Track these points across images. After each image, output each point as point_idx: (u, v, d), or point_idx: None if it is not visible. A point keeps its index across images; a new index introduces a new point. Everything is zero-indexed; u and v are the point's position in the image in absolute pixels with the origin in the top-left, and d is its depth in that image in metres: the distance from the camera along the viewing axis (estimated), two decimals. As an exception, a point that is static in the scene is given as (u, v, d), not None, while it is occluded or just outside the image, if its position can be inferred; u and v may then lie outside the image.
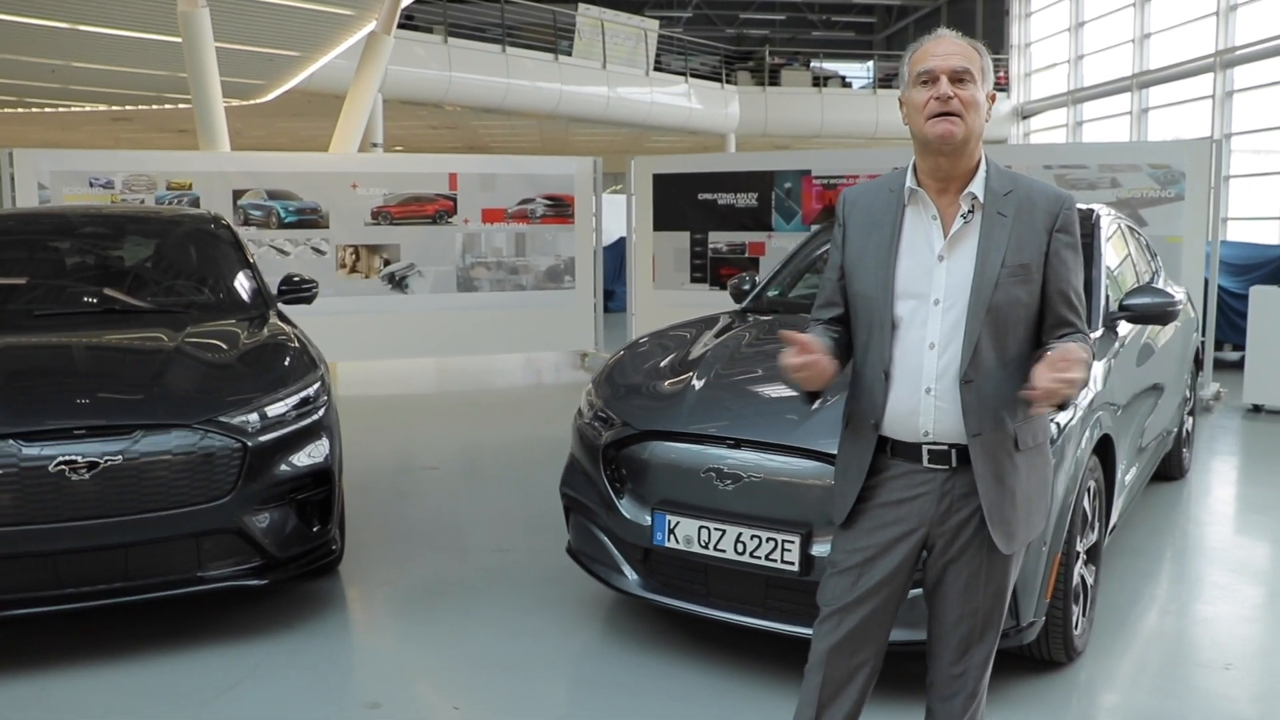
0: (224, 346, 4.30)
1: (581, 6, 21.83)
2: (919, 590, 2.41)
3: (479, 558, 4.83)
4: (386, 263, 10.20)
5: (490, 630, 4.00)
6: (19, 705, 3.38)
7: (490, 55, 19.70)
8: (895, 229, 2.29)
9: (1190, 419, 6.26)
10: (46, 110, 18.76)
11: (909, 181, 2.29)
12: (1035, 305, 2.25)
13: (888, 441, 2.30)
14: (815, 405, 2.41)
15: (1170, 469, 5.92)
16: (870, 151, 10.21)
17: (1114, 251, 4.77)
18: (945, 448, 2.25)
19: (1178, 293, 5.72)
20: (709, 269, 10.33)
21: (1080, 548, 3.52)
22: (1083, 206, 4.92)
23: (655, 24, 23.59)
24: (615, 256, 15.17)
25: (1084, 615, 3.61)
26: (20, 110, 18.84)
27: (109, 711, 3.35)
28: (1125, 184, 8.46)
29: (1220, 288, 9.45)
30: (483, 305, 10.46)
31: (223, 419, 3.76)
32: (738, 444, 3.32)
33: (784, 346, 2.20)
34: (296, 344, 4.46)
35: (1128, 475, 4.31)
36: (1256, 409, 8.27)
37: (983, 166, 2.27)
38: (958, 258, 2.23)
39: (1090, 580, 3.68)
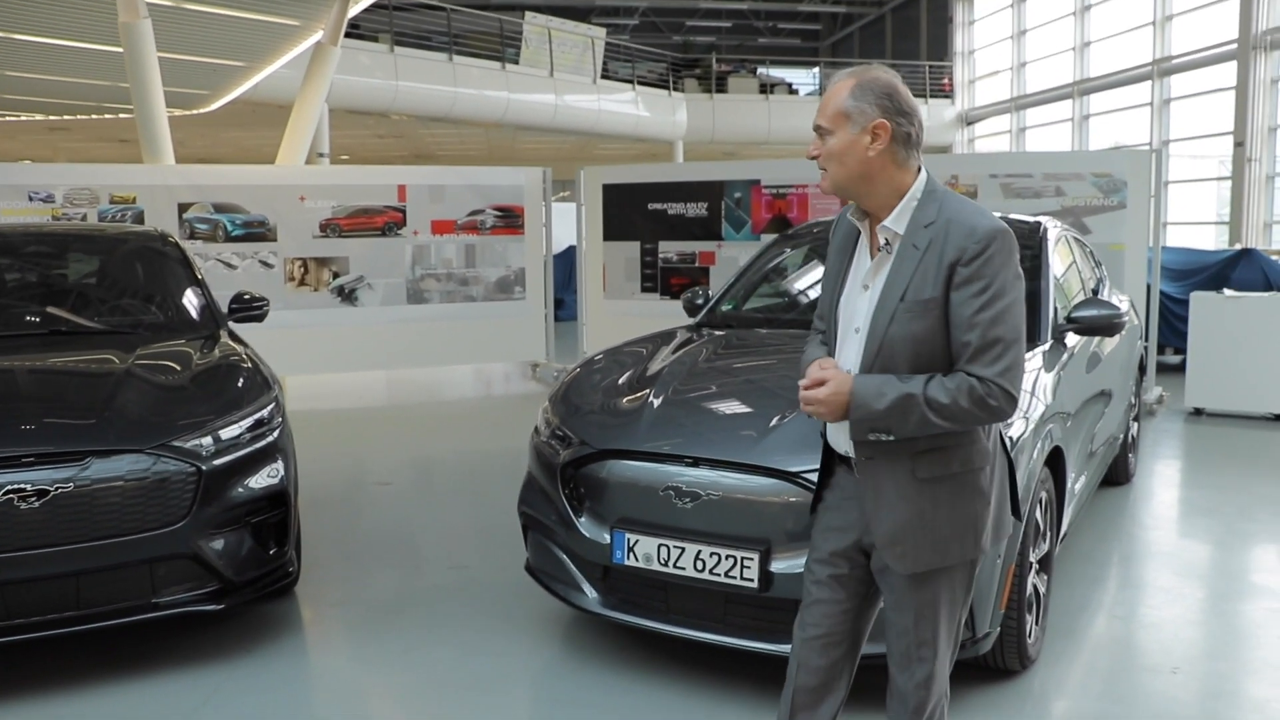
0: (176, 368, 4.24)
1: (528, 15, 21.82)
2: None
3: (435, 575, 4.81)
4: (336, 275, 10.11)
5: (448, 649, 3.98)
6: (-33, 741, 3.31)
7: (437, 64, 19.62)
8: (847, 256, 2.39)
9: (1135, 424, 6.40)
10: (-19, 120, 18.34)
11: (852, 212, 2.36)
12: (936, 341, 2.19)
13: (834, 452, 2.43)
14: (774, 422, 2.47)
15: (1117, 474, 6.05)
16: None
17: (1060, 263, 4.87)
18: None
19: (1122, 303, 5.87)
20: (659, 278, 10.36)
21: (1033, 558, 3.58)
22: (1029, 219, 5.05)
23: (602, 32, 23.63)
24: (565, 265, 15.15)
25: (1037, 624, 3.68)
26: (-47, 120, 18.40)
27: (61, 745, 3.29)
28: (1069, 192, 8.64)
29: (1162, 293, 9.68)
30: (433, 317, 10.41)
31: (176, 443, 3.71)
32: (695, 462, 3.34)
33: (735, 363, 2.26)
34: (249, 364, 4.41)
35: (1077, 484, 4.40)
36: (1198, 412, 8.47)
37: (911, 195, 2.23)
38: (875, 289, 2.27)
39: (1043, 589, 3.75)
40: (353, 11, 12.58)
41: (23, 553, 3.46)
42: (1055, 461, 3.85)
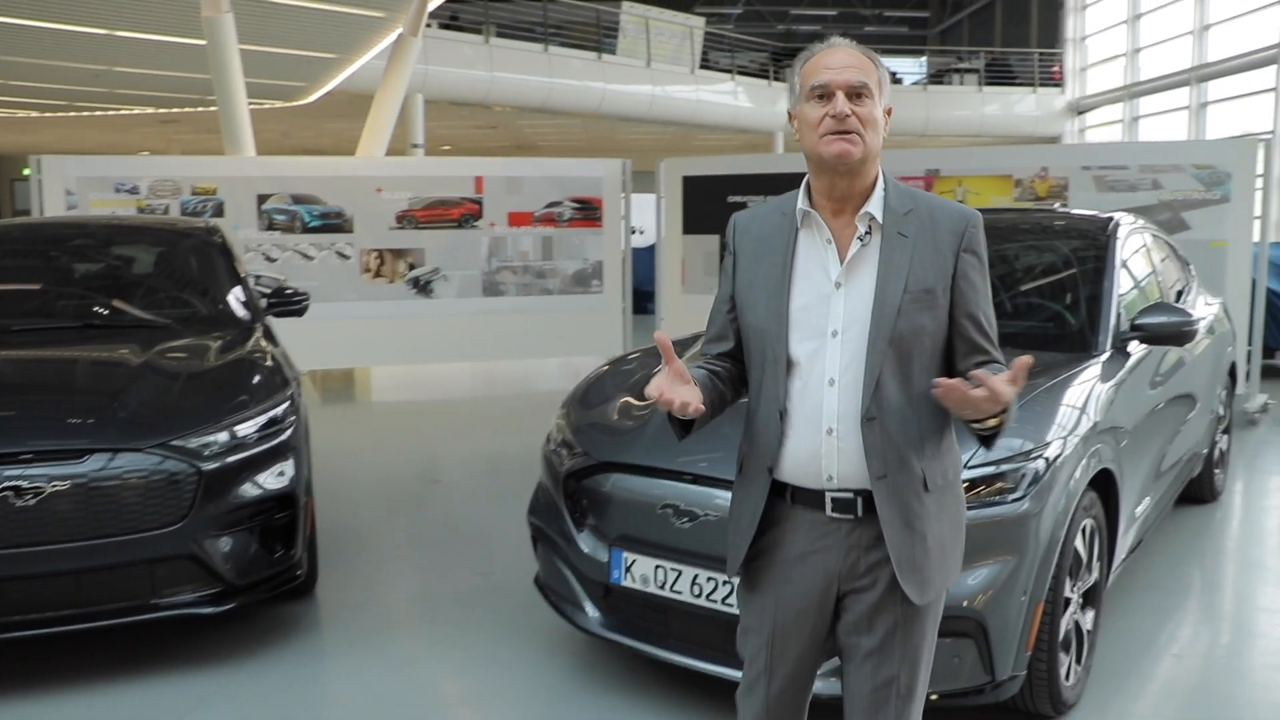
0: (191, 364, 4.19)
1: (626, 5, 21.66)
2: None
3: (459, 580, 4.68)
4: (411, 267, 10.10)
5: (452, 660, 3.85)
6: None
7: (533, 55, 19.61)
8: (788, 255, 2.08)
9: (1225, 437, 5.90)
10: (97, 114, 19.04)
11: (801, 203, 2.08)
12: (941, 333, 2.04)
13: (787, 488, 2.08)
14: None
15: (1201, 492, 5.58)
16: (905, 153, 9.89)
17: (1133, 264, 4.47)
18: (850, 495, 2.04)
19: (1209, 307, 5.41)
20: (738, 273, 10.09)
21: (1073, 592, 3.26)
22: (1100, 214, 4.66)
23: (701, 21, 23.34)
24: (653, 259, 14.97)
25: (1079, 664, 3.34)
26: (73, 114, 19.16)
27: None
28: (1167, 185, 8.06)
29: (1270, 291, 9.01)
30: (509, 310, 10.31)
31: (176, 443, 3.64)
32: (695, 479, 3.11)
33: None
34: (270, 361, 4.33)
35: (1139, 506, 4.02)
36: (1307, 423, 7.84)
37: (880, 184, 2.06)
38: (856, 284, 2.02)
39: (1087, 625, 3.41)
40: (434, 4, 12.60)
41: (20, 549, 3.44)
42: (1106, 484, 3.50)
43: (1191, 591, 4.54)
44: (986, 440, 2.00)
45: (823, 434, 2.02)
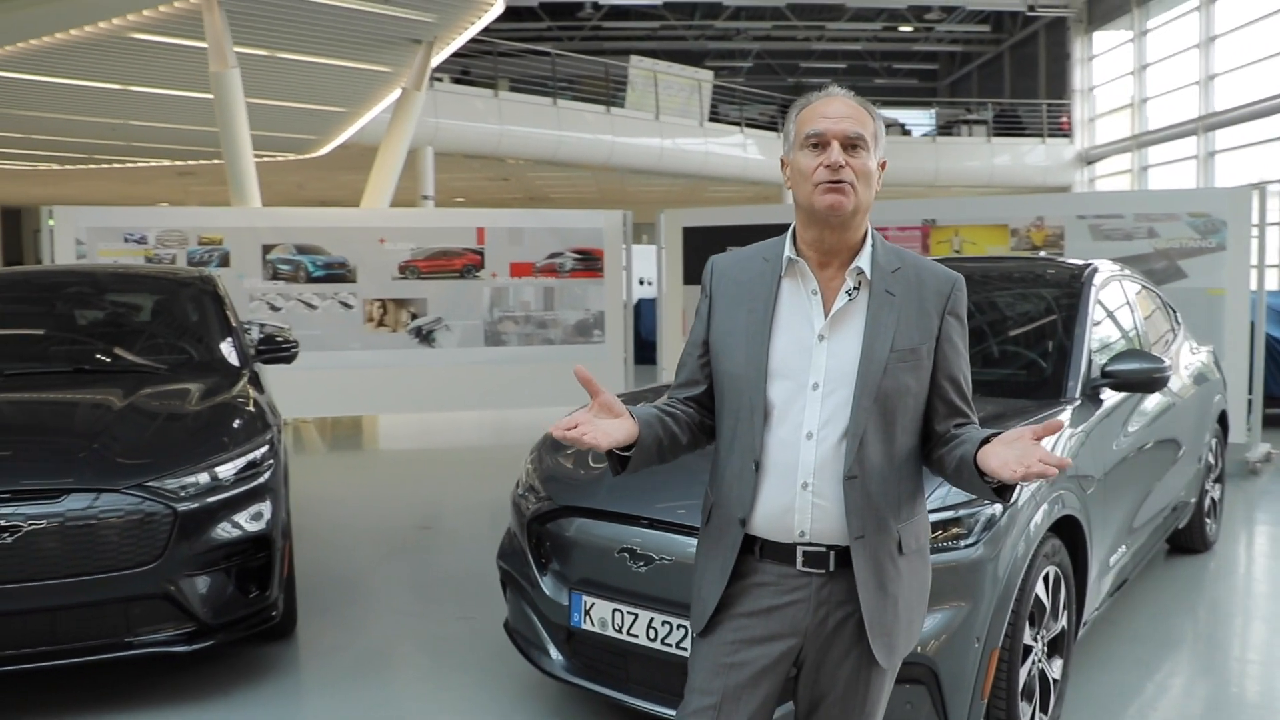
0: (172, 407, 4.25)
1: (634, 59, 22.01)
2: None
3: (439, 625, 4.69)
4: (414, 316, 10.21)
5: (420, 705, 3.86)
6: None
7: (542, 108, 19.91)
8: (770, 303, 2.05)
9: (1218, 486, 5.87)
10: (116, 166, 19.40)
11: (788, 251, 2.06)
12: (924, 394, 2.04)
13: (755, 541, 2.04)
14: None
15: (1191, 542, 5.54)
16: (899, 202, 9.97)
17: (1109, 312, 4.50)
18: (823, 550, 2.00)
19: (1190, 356, 5.41)
20: (740, 322, 10.14)
21: (1035, 640, 3.24)
22: (1077, 261, 4.69)
23: (709, 75, 23.65)
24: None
25: (1044, 713, 3.32)
26: (92, 167, 19.51)
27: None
28: (1163, 234, 8.10)
29: (1270, 338, 8.98)
30: (511, 359, 10.39)
31: (152, 484, 3.69)
32: (652, 523, 3.13)
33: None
34: (252, 407, 4.40)
35: (1113, 555, 4.00)
36: (1307, 473, 7.78)
37: (869, 240, 2.05)
38: (840, 338, 2.00)
39: (1054, 674, 3.39)
40: (439, 59, 12.84)
41: (-2, 586, 3.49)
42: (1073, 532, 3.50)
43: (1175, 643, 4.49)
44: (1001, 491, 1.95)
45: (797, 488, 2.00)
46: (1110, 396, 4.07)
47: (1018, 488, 1.95)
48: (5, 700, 3.81)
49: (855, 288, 2.02)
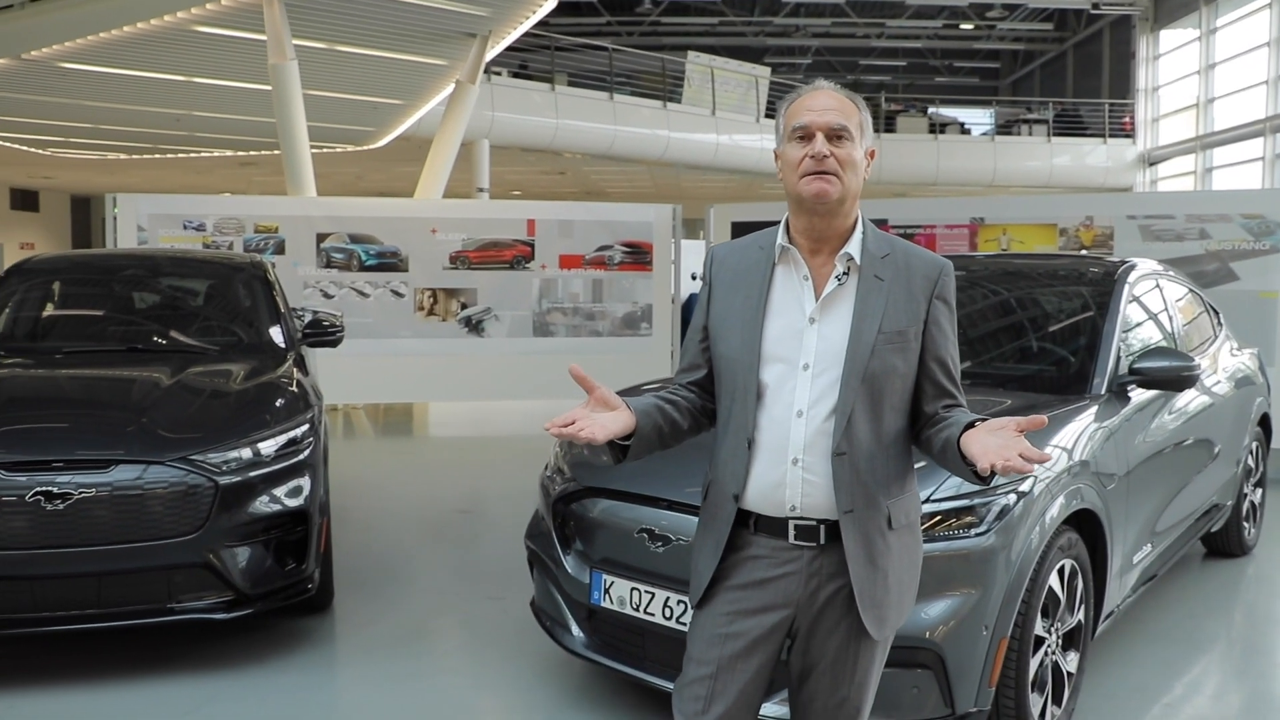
0: (218, 385, 4.42)
1: (691, 54, 22.02)
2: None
3: (470, 604, 4.81)
4: (464, 306, 10.37)
5: (451, 678, 3.98)
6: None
7: (598, 102, 20.01)
8: (764, 289, 2.14)
9: (1259, 490, 5.80)
10: (179, 156, 19.87)
11: (780, 239, 2.15)
12: (912, 375, 2.12)
13: (750, 516, 2.12)
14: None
15: (1228, 545, 5.49)
16: (947, 200, 9.92)
17: (1142, 310, 4.48)
18: (813, 523, 2.08)
19: (1230, 358, 5.35)
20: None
21: (1049, 632, 3.26)
22: (1116, 260, 4.68)
23: (767, 71, 23.59)
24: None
25: (1056, 705, 3.34)
26: (157, 157, 20.01)
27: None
28: (1215, 235, 7.98)
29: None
30: (558, 350, 10.49)
31: (195, 457, 3.85)
32: (671, 505, 3.21)
33: None
34: (295, 387, 4.55)
35: (1137, 554, 4.00)
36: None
37: (859, 227, 2.13)
38: (831, 321, 2.09)
39: (1069, 668, 3.41)
40: (493, 53, 12.99)
41: (49, 550, 3.68)
42: (1092, 527, 3.51)
43: (1203, 645, 4.45)
44: (983, 477, 1.98)
45: (787, 464, 2.07)
46: (1139, 394, 4.06)
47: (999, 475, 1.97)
48: (51, 660, 4.01)
49: (845, 273, 2.11)
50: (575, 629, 3.53)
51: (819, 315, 2.10)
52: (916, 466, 2.21)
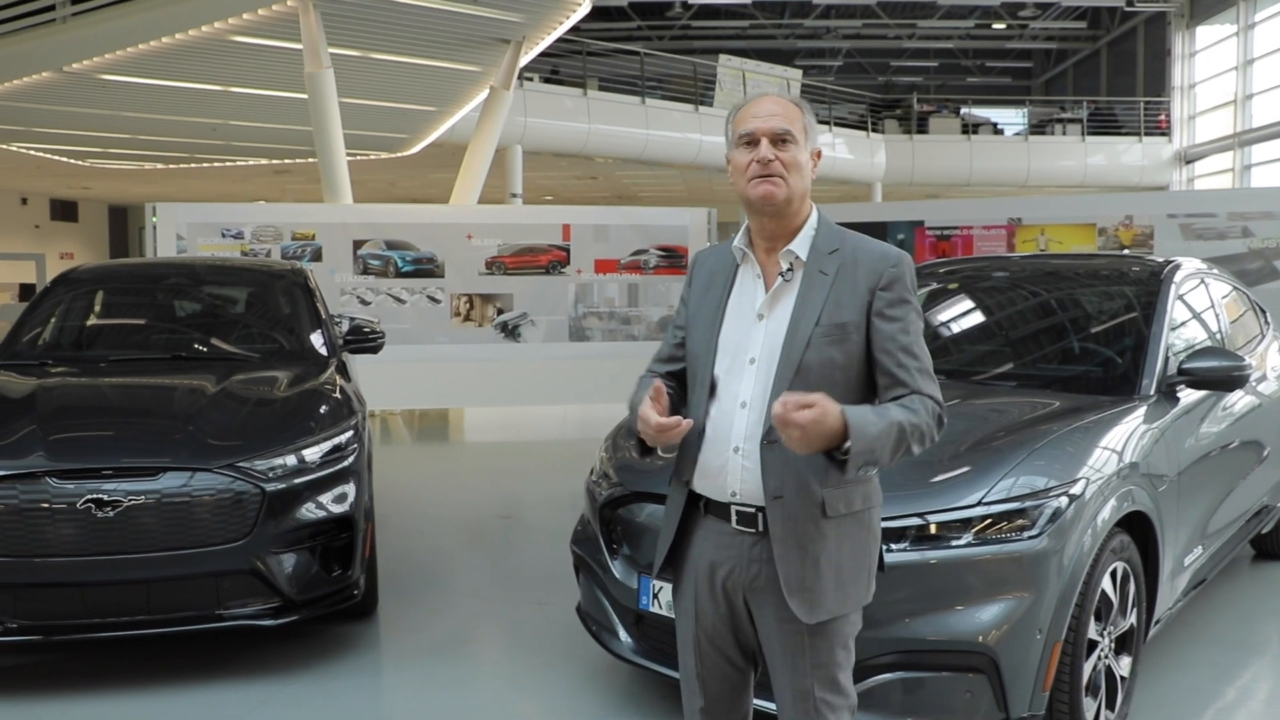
0: (262, 393, 4.46)
1: (722, 58, 22.00)
2: None
3: (515, 609, 4.82)
4: (500, 311, 10.41)
5: (496, 683, 3.99)
6: (32, 733, 3.55)
7: (630, 107, 20.03)
8: (726, 288, 2.27)
9: (1312, 493, 5.69)
10: (215, 165, 20.09)
11: (739, 241, 2.27)
12: (855, 367, 2.17)
13: (701, 499, 2.26)
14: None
15: (1278, 548, 5.40)
16: (984, 201, 9.86)
17: (1189, 310, 4.42)
18: (752, 510, 2.18)
19: (1275, 357, 5.27)
20: (820, 320, 10.13)
21: (1102, 636, 3.22)
22: (1161, 260, 4.62)
23: (798, 73, 23.52)
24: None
25: (1110, 710, 3.30)
26: (192, 165, 20.25)
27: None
28: (1258, 233, 7.89)
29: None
30: (595, 355, 10.50)
31: (242, 464, 3.89)
32: (717, 508, 3.19)
33: None
34: (338, 394, 4.58)
35: (1189, 556, 3.94)
36: None
37: (810, 224, 2.23)
38: (776, 316, 2.19)
39: (1122, 672, 3.36)
40: (527, 59, 13.03)
41: (99, 557, 3.72)
42: (1144, 529, 3.46)
43: (1256, 648, 4.39)
44: (840, 464, 2.04)
45: (729, 452, 2.18)
46: (1188, 395, 4.01)
47: (850, 464, 2.02)
48: (103, 666, 4.05)
49: (789, 269, 2.19)
50: (623, 634, 3.52)
51: (767, 311, 2.20)
52: (965, 470, 2.22)
